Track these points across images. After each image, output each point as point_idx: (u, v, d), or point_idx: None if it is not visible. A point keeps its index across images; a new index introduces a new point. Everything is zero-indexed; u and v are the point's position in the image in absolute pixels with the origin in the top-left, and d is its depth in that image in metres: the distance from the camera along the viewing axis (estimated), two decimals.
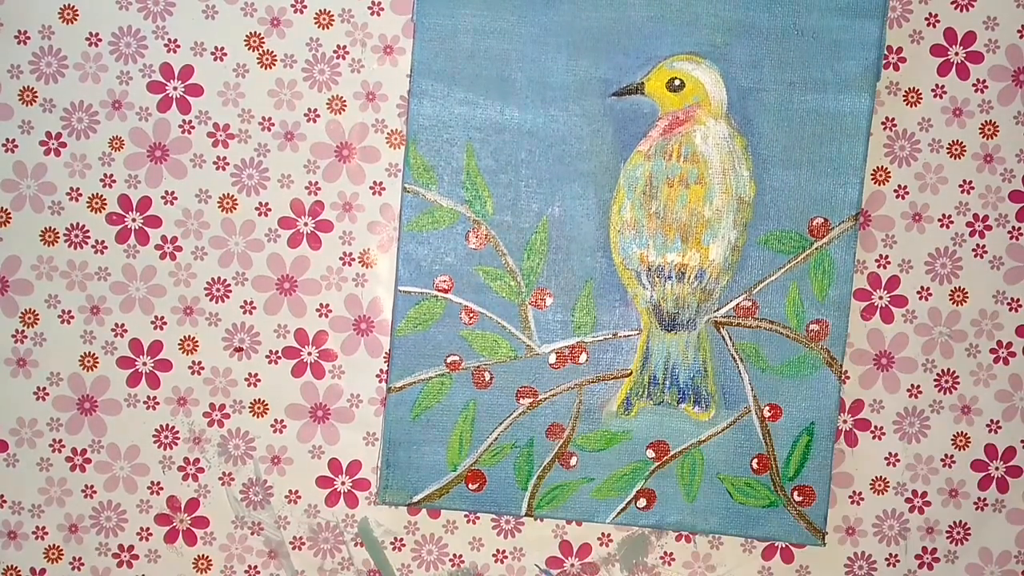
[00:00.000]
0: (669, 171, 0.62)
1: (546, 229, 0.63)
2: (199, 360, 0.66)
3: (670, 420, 0.64)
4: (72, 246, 0.65)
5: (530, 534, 0.67)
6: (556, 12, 0.62)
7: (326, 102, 0.65)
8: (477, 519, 0.67)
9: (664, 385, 0.64)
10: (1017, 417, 0.67)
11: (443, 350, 0.63)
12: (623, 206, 0.63)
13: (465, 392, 0.64)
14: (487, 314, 0.63)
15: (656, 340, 0.64)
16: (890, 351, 0.66)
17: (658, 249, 0.63)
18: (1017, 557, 0.68)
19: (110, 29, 0.64)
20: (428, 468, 0.64)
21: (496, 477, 0.64)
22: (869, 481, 0.67)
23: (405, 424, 0.64)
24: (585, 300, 0.63)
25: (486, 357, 0.63)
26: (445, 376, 0.63)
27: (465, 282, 0.63)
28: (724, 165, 0.62)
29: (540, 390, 0.64)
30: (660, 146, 0.62)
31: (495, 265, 0.63)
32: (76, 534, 0.67)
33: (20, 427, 0.66)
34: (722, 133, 0.62)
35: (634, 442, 0.64)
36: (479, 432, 0.64)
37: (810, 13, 0.61)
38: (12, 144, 0.65)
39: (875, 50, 0.62)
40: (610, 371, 0.64)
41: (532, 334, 0.64)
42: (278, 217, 0.65)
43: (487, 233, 0.63)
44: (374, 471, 0.67)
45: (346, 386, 0.66)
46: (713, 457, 0.64)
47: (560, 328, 0.63)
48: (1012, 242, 0.66)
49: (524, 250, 0.63)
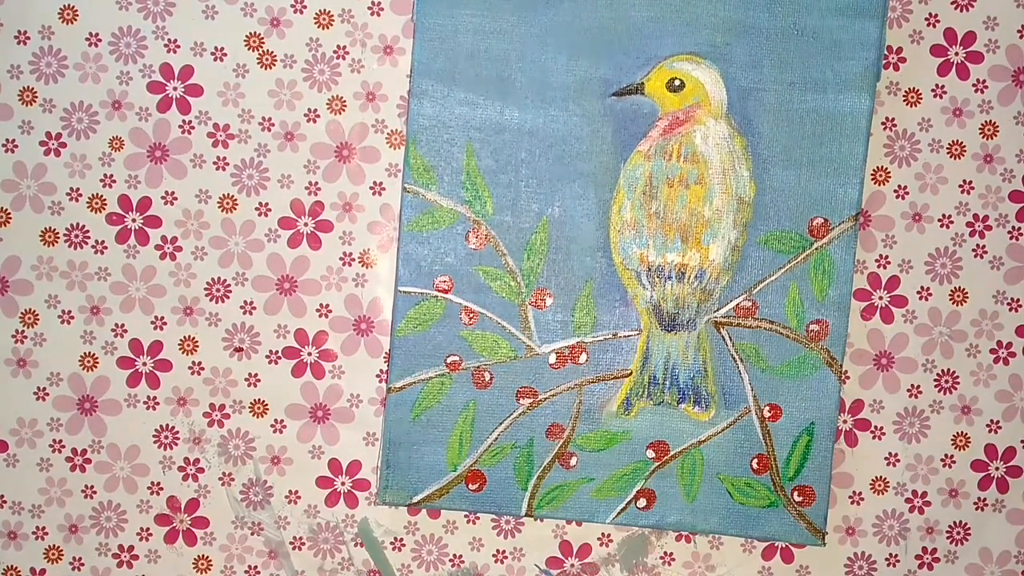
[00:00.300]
0: (669, 171, 0.62)
1: (546, 229, 0.63)
2: (199, 360, 0.66)
3: (670, 420, 0.64)
4: (72, 246, 0.65)
5: (530, 534, 0.67)
6: (556, 12, 0.61)
7: (326, 102, 0.65)
8: (477, 519, 0.67)
9: (664, 385, 0.64)
10: (1017, 417, 0.67)
11: (443, 350, 0.63)
12: (623, 206, 0.63)
13: (465, 392, 0.64)
14: (487, 314, 0.63)
15: (656, 340, 0.64)
16: (890, 351, 0.66)
17: (658, 249, 0.63)
18: (1017, 557, 0.68)
19: (110, 29, 0.64)
20: (428, 468, 0.64)
21: (496, 477, 0.64)
22: (869, 481, 0.67)
23: (405, 424, 0.64)
24: (585, 300, 0.63)
25: (486, 357, 0.63)
26: (445, 376, 0.63)
27: (465, 282, 0.63)
28: (724, 165, 0.62)
29: (540, 390, 0.64)
30: (660, 146, 0.62)
31: (495, 265, 0.63)
32: (76, 534, 0.67)
33: (20, 427, 0.66)
34: (722, 133, 0.62)
35: (634, 442, 0.64)
36: (479, 432, 0.64)
37: (810, 13, 0.61)
38: (12, 144, 0.65)
39: (875, 50, 0.62)
40: (610, 371, 0.64)
41: (532, 334, 0.64)
42: (278, 217, 0.65)
43: (487, 233, 0.63)
44: (374, 471, 0.67)
45: (346, 386, 0.66)
46: (713, 457, 0.64)
47: (560, 328, 0.63)
48: (1012, 242, 0.66)
49: (524, 250, 0.63)
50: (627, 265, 0.63)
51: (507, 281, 0.63)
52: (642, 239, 0.63)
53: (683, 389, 0.64)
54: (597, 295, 0.63)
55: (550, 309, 0.63)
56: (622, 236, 0.63)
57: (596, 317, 0.63)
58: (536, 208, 0.63)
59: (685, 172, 0.62)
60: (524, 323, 0.63)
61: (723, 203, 0.62)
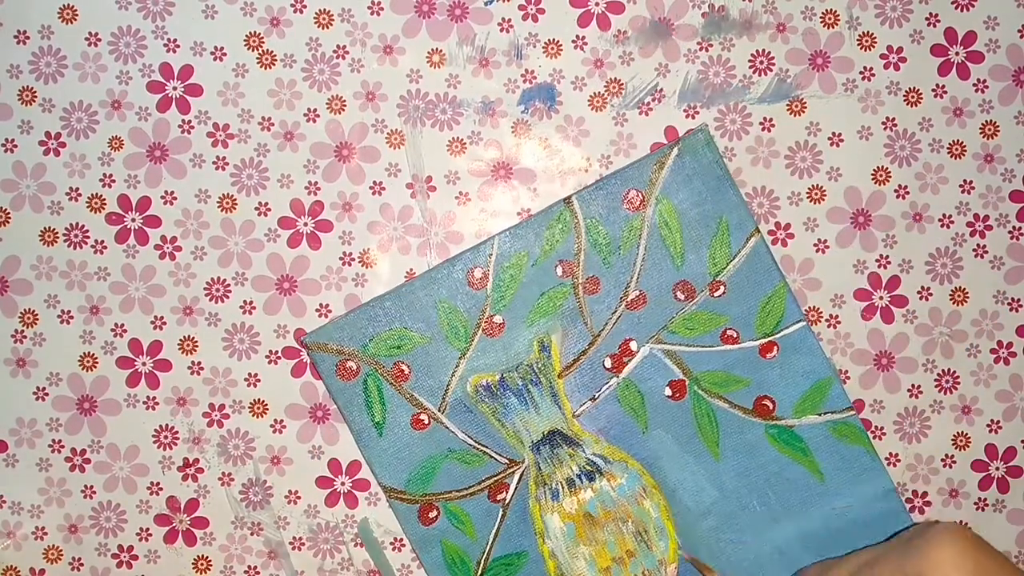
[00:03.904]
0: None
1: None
2: (199, 360, 0.66)
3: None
4: (72, 246, 0.65)
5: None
6: None
7: (326, 102, 0.65)
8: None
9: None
10: (1017, 417, 0.67)
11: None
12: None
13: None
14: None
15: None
16: (890, 351, 0.66)
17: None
18: (1017, 557, 0.68)
19: (110, 29, 0.64)
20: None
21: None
22: None
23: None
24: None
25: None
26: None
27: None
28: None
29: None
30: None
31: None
32: (76, 534, 0.67)
33: (20, 427, 0.66)
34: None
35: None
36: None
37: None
38: (11, 144, 0.65)
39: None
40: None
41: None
42: (278, 217, 0.65)
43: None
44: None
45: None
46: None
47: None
48: (1012, 242, 0.66)
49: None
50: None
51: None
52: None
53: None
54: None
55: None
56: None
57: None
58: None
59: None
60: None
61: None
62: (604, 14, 0.65)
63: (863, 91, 0.65)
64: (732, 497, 0.63)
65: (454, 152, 0.65)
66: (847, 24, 0.65)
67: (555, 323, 0.63)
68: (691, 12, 0.64)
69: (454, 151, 0.65)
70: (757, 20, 0.65)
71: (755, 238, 0.62)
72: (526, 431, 0.63)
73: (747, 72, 0.65)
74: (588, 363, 0.63)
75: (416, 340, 0.63)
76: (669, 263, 0.62)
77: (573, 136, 0.65)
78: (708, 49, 0.65)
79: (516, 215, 0.65)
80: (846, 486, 0.63)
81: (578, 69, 0.65)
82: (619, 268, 0.62)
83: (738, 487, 0.63)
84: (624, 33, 0.65)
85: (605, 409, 0.63)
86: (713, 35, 0.65)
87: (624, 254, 0.62)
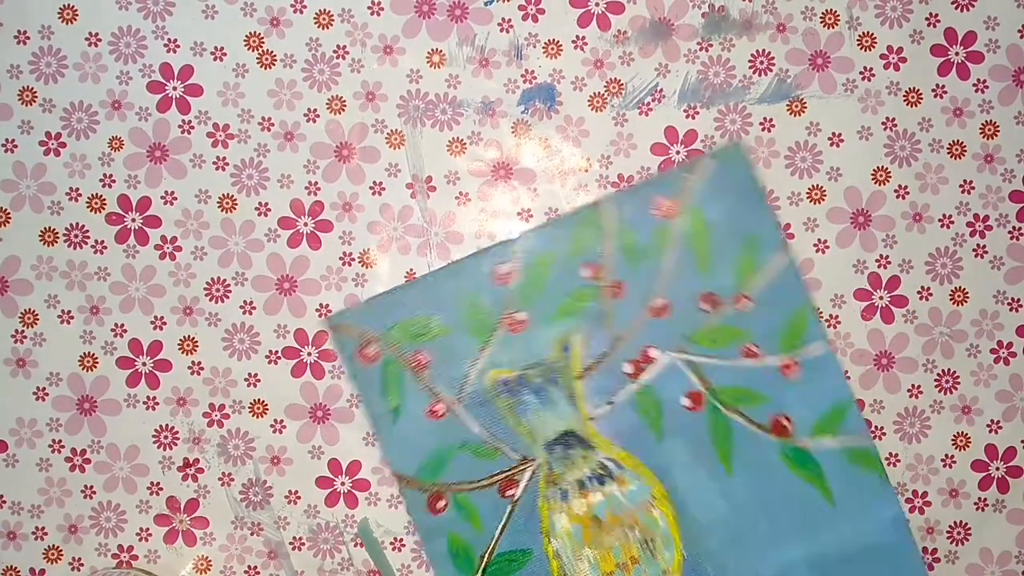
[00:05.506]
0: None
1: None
2: (199, 360, 0.66)
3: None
4: (72, 246, 0.65)
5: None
6: None
7: (326, 102, 0.65)
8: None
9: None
10: (1017, 417, 0.67)
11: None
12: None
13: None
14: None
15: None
16: (890, 351, 0.66)
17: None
18: (1018, 557, 0.68)
19: (110, 29, 0.64)
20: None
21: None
22: None
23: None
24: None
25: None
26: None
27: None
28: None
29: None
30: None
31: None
32: (75, 534, 0.67)
33: (20, 427, 0.66)
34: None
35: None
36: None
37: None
38: (12, 144, 0.65)
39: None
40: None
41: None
42: (278, 217, 0.65)
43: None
44: (374, 471, 0.66)
45: (346, 386, 0.66)
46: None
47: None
48: (1012, 242, 0.66)
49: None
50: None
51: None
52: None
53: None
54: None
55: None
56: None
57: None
58: None
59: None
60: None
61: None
62: (604, 14, 0.65)
63: (863, 91, 0.65)
64: (741, 513, 0.63)
65: (454, 152, 0.65)
66: (847, 24, 0.65)
67: (578, 324, 0.63)
68: (691, 12, 0.65)
69: (454, 151, 0.65)
70: (757, 20, 0.65)
71: (783, 256, 0.63)
72: (541, 429, 0.63)
73: (747, 72, 0.65)
74: (608, 367, 0.63)
75: (438, 330, 0.63)
76: (696, 273, 0.62)
77: (573, 136, 0.65)
78: (708, 49, 0.65)
79: (516, 215, 0.65)
80: (857, 512, 0.63)
81: (578, 69, 0.65)
82: (645, 274, 0.63)
83: (748, 503, 0.63)
84: (624, 33, 0.65)
85: (621, 414, 0.63)
86: (713, 35, 0.65)
87: (651, 261, 0.63)
